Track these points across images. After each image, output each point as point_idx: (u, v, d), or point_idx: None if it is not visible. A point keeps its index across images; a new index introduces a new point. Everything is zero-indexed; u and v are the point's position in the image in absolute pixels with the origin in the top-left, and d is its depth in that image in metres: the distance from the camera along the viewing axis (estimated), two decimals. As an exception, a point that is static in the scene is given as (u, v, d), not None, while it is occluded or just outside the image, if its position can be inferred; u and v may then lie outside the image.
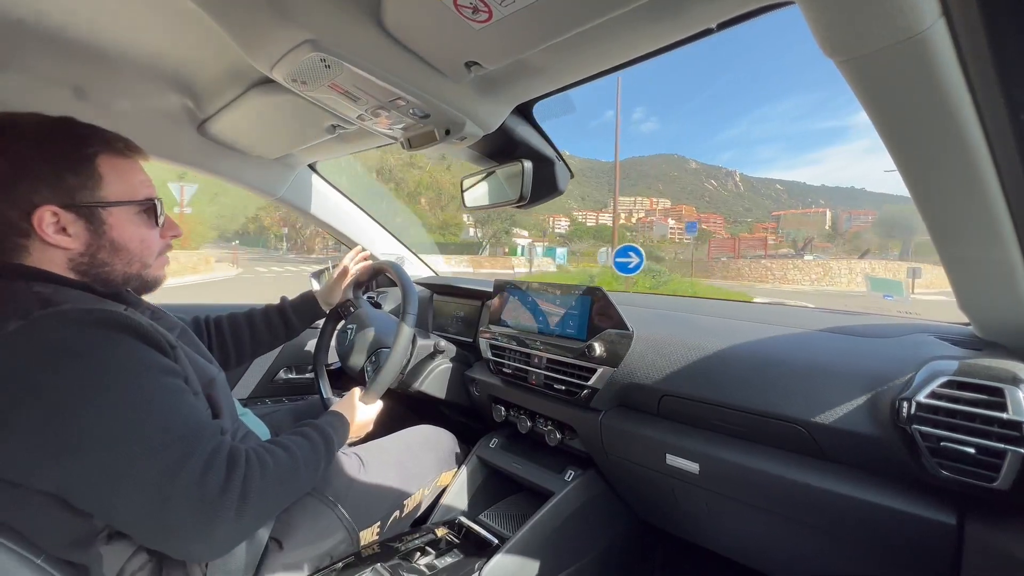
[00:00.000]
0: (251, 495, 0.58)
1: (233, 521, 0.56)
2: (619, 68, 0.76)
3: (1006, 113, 0.43)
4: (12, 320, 0.54)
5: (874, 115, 0.48)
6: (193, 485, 0.54)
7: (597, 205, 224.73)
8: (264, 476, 0.61)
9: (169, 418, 0.56)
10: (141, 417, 0.54)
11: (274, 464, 0.64)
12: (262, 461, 0.62)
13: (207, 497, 0.55)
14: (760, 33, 53.69)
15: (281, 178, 1.43)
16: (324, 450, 0.76)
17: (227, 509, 0.56)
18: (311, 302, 1.18)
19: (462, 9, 0.57)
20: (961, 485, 0.60)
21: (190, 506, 0.54)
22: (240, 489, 0.57)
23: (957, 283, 0.66)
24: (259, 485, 0.60)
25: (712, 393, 0.83)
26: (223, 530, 0.56)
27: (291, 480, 0.66)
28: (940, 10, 0.38)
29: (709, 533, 1.03)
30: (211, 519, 0.55)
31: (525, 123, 1.03)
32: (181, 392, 0.61)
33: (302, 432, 0.76)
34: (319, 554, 0.81)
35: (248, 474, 0.59)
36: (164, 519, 0.53)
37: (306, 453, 0.71)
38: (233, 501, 0.56)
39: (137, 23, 0.82)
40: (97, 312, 0.57)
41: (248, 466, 0.60)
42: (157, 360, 0.60)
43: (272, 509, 0.65)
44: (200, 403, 0.65)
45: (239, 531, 0.58)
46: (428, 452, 1.10)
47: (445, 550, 0.94)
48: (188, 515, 0.54)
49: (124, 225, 0.67)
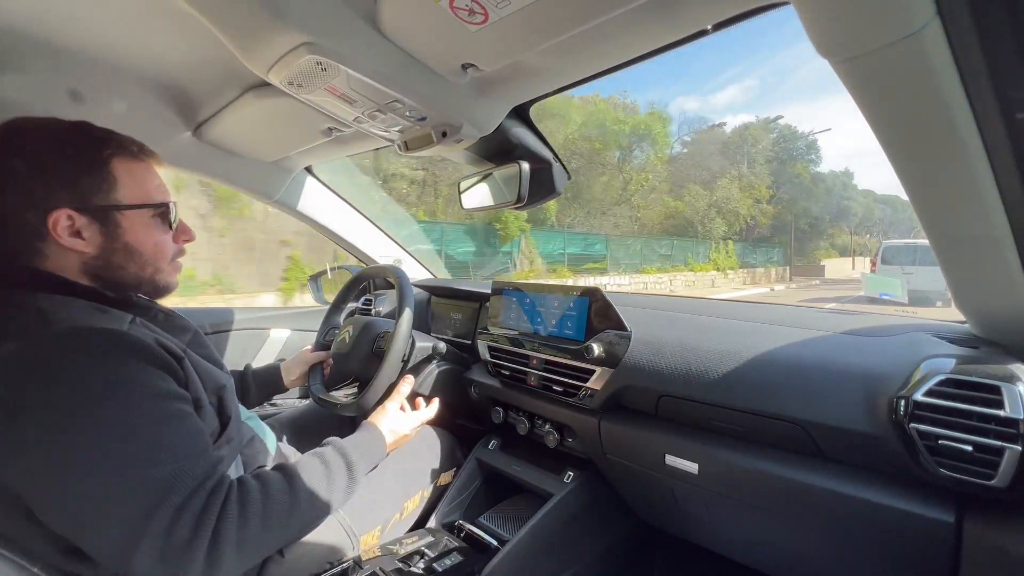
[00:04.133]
0: (224, 545, 0.55)
1: (204, 571, 0.53)
2: (616, 69, 0.76)
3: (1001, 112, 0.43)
4: (9, 339, 0.53)
5: (869, 115, 0.49)
6: (162, 533, 0.51)
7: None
8: (244, 524, 0.57)
9: (153, 453, 0.54)
10: (125, 450, 0.53)
11: (262, 507, 0.60)
12: (244, 506, 0.58)
13: (174, 547, 0.52)
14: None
15: (278, 181, 1.43)
16: (346, 475, 0.73)
17: (194, 562, 0.53)
18: (275, 374, 1.11)
19: (458, 11, 0.57)
20: (959, 483, 0.60)
21: (157, 554, 0.51)
22: (210, 540, 0.54)
23: (953, 281, 0.66)
24: (235, 535, 0.56)
25: (711, 393, 0.83)
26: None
27: (283, 520, 0.63)
28: (934, 10, 0.38)
29: (709, 533, 1.03)
30: (178, 568, 0.52)
31: (522, 125, 1.03)
32: (176, 419, 0.58)
33: (320, 455, 0.74)
34: (319, 560, 0.81)
35: (221, 525, 0.55)
36: (131, 562, 0.51)
37: (315, 483, 0.68)
38: (201, 553, 0.53)
39: (132, 26, 0.81)
40: (96, 333, 0.57)
41: (223, 514, 0.56)
42: (154, 383, 0.58)
43: (256, 553, 0.61)
44: (202, 422, 0.63)
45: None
46: (427, 454, 1.10)
47: (444, 553, 0.93)
48: (154, 563, 0.51)
49: (138, 229, 0.67)
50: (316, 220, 1.56)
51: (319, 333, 1.26)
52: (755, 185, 24.91)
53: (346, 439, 0.81)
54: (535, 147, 1.06)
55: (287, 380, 1.13)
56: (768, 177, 26.31)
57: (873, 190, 43.63)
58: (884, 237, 38.50)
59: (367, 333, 1.14)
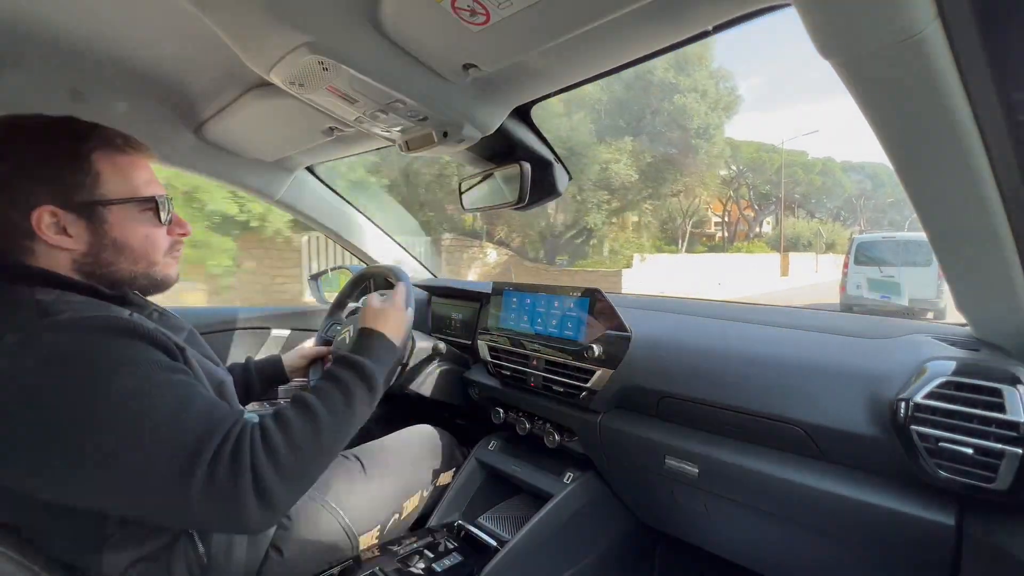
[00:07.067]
0: (266, 478, 0.56)
1: (257, 507, 0.55)
2: (617, 70, 0.76)
3: (1002, 114, 0.43)
4: (11, 332, 0.53)
5: (871, 116, 0.49)
6: (204, 484, 0.53)
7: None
8: (273, 455, 0.58)
9: (177, 413, 0.55)
10: (150, 418, 0.53)
11: (284, 437, 0.60)
12: (267, 439, 0.59)
13: (222, 492, 0.54)
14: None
15: (279, 181, 1.43)
16: (362, 385, 0.71)
17: (247, 498, 0.54)
18: (278, 366, 1.11)
19: (460, 11, 0.57)
20: (959, 485, 0.60)
21: (211, 504, 0.53)
22: (251, 476, 0.55)
23: (954, 283, 0.66)
24: (271, 467, 0.57)
25: (711, 394, 0.83)
26: (256, 515, 0.55)
27: (312, 444, 0.62)
28: (935, 12, 0.38)
29: (708, 534, 1.02)
30: (235, 509, 0.54)
31: (523, 125, 1.03)
32: (190, 385, 0.59)
33: (332, 374, 0.71)
34: (319, 560, 0.81)
35: (256, 461, 0.56)
36: (193, 517, 0.55)
37: (333, 401, 0.67)
38: (249, 490, 0.55)
39: (134, 26, 0.82)
40: (99, 318, 0.57)
41: (253, 452, 0.57)
42: (161, 359, 0.59)
43: (302, 478, 0.62)
44: (211, 393, 0.64)
45: (273, 511, 0.57)
46: (427, 455, 1.10)
47: (444, 553, 0.93)
48: (212, 511, 0.54)
49: (126, 223, 0.65)
50: (317, 220, 1.56)
51: (321, 328, 1.27)
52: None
53: (351, 351, 0.78)
54: (536, 147, 1.06)
55: (289, 372, 1.13)
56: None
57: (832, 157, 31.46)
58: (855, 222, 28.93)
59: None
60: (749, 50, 57.87)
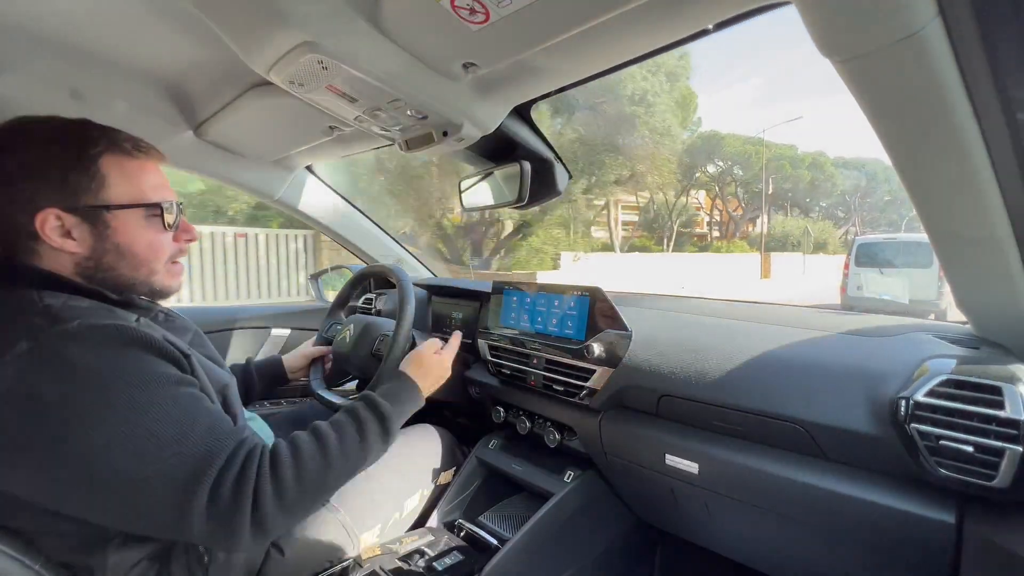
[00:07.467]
0: (265, 506, 0.58)
1: (251, 533, 0.57)
2: (617, 68, 0.76)
3: (1002, 112, 0.43)
4: (21, 340, 0.53)
5: (871, 115, 0.49)
6: (205, 503, 0.54)
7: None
8: (279, 485, 0.60)
9: (184, 432, 0.56)
10: (156, 433, 0.54)
11: (294, 470, 0.62)
12: (276, 468, 0.60)
13: (221, 514, 0.55)
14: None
15: (279, 180, 1.43)
16: (378, 428, 0.73)
17: (242, 524, 0.56)
18: (278, 366, 1.12)
19: (459, 10, 0.57)
20: (960, 484, 0.60)
21: (208, 523, 0.55)
22: (252, 502, 0.57)
23: (955, 281, 0.66)
24: (273, 496, 0.59)
25: (711, 393, 0.83)
26: (248, 541, 0.57)
27: (318, 479, 0.64)
28: (936, 10, 0.38)
29: (709, 533, 1.02)
30: (230, 534, 0.56)
31: (523, 124, 1.03)
32: (197, 399, 0.60)
33: (352, 410, 0.73)
34: (320, 559, 0.81)
35: (260, 488, 0.58)
36: (188, 535, 0.55)
37: (348, 441, 0.69)
38: (246, 515, 0.56)
39: (134, 25, 0.81)
40: (108, 328, 0.57)
41: (259, 479, 0.58)
42: (168, 372, 0.59)
43: (300, 510, 0.63)
44: (217, 409, 0.64)
45: (266, 536, 0.59)
46: (427, 453, 1.10)
47: (444, 552, 0.93)
48: (208, 531, 0.55)
49: (129, 229, 0.65)
50: (317, 219, 1.56)
51: (321, 328, 1.27)
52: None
53: (379, 390, 0.80)
54: (536, 146, 1.06)
55: (289, 372, 1.14)
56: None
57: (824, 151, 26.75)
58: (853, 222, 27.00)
59: (367, 335, 1.14)
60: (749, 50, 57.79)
